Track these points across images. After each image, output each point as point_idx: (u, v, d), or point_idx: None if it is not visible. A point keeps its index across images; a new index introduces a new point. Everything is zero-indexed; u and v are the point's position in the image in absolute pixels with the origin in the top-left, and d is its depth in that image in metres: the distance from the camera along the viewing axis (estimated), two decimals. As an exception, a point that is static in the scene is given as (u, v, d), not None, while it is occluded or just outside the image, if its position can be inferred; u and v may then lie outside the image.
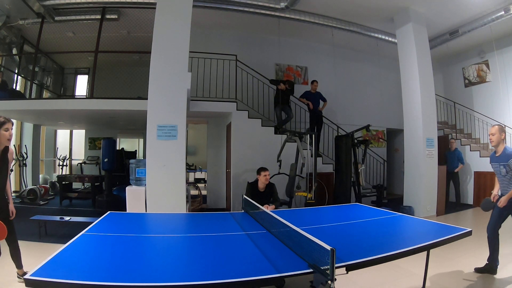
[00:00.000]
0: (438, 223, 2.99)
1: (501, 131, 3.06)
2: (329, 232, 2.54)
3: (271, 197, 3.92)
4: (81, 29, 6.59)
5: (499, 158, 3.04)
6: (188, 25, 4.57)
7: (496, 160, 3.09)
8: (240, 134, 6.07)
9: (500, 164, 3.01)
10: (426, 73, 6.28)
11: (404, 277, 3.01)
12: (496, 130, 3.05)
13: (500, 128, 3.07)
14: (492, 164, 3.17)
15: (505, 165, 2.96)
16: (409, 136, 6.35)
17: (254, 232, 2.49)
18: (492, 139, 3.08)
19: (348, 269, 1.66)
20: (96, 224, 2.52)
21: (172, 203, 4.29)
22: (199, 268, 1.74)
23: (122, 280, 1.50)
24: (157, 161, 4.31)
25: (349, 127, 7.00)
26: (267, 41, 7.76)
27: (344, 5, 6.34)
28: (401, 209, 5.76)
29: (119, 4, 6.13)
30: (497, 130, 3.05)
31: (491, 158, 3.21)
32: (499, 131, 3.05)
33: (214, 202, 6.99)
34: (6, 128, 2.57)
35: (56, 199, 7.20)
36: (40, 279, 1.44)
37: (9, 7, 5.99)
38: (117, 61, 7.30)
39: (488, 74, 8.09)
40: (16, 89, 6.88)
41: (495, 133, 3.06)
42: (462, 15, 6.57)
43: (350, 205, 4.08)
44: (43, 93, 8.04)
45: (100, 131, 9.75)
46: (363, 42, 7.81)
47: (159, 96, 4.40)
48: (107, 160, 6.27)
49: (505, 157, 2.98)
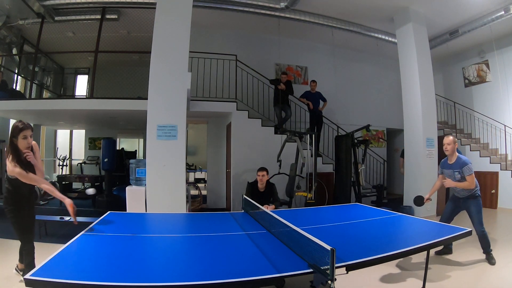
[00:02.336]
0: (438, 223, 3.00)
1: (454, 142, 3.48)
2: (329, 232, 2.54)
3: (271, 197, 3.92)
4: (81, 29, 6.59)
5: (453, 166, 3.45)
6: (188, 25, 4.57)
7: (449, 167, 3.50)
8: (240, 134, 6.07)
9: (454, 171, 3.43)
10: (426, 73, 6.28)
11: (404, 277, 3.01)
12: (451, 141, 3.45)
13: (453, 140, 3.48)
14: (445, 170, 3.58)
15: (459, 171, 3.38)
16: (409, 136, 6.34)
17: (254, 232, 2.49)
18: (448, 149, 3.46)
19: (348, 269, 1.65)
20: (96, 224, 2.52)
21: (172, 203, 4.29)
22: (199, 268, 1.75)
23: (122, 280, 1.50)
24: (157, 161, 4.31)
25: (349, 127, 7.00)
26: (267, 41, 7.76)
27: (344, 5, 6.34)
28: (401, 209, 5.75)
29: (119, 4, 6.13)
30: (451, 141, 3.45)
31: (443, 164, 3.63)
32: (453, 142, 3.46)
33: (214, 202, 6.99)
34: (24, 136, 2.36)
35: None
36: (40, 279, 1.44)
37: (9, 7, 5.99)
38: (117, 61, 7.29)
39: (488, 74, 8.09)
40: (16, 89, 6.87)
41: (450, 143, 3.45)
42: (462, 15, 6.57)
43: (350, 205, 4.08)
44: (43, 93, 8.04)
45: (100, 131, 9.75)
46: (363, 42, 7.81)
47: (159, 96, 4.40)
48: (107, 160, 6.26)
49: (458, 165, 3.40)
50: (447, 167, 3.53)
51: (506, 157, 7.14)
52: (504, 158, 7.12)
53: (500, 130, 7.50)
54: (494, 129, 7.70)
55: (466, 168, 3.32)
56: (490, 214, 6.18)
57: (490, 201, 6.73)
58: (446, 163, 3.56)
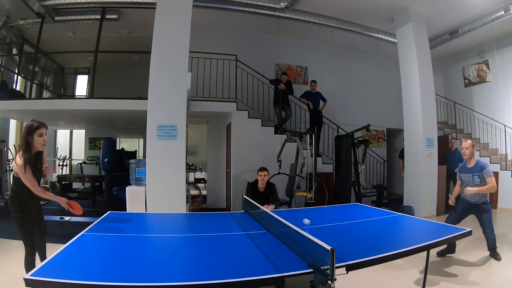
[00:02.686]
0: (438, 223, 2.99)
1: (473, 146, 3.47)
2: (329, 232, 2.54)
3: (271, 197, 3.92)
4: (81, 29, 6.58)
5: (472, 169, 3.42)
6: (188, 25, 4.57)
7: (468, 171, 3.47)
8: (240, 134, 6.07)
9: (474, 174, 3.39)
10: (426, 73, 6.28)
11: (404, 277, 3.01)
12: (469, 145, 3.44)
13: (472, 143, 3.46)
14: (463, 174, 3.54)
15: (479, 175, 3.34)
16: (409, 136, 6.34)
17: (254, 232, 2.49)
18: (466, 153, 3.47)
19: (348, 269, 1.65)
20: (96, 224, 2.52)
21: (172, 203, 4.29)
22: (199, 268, 1.74)
23: (122, 280, 1.50)
24: (157, 161, 4.31)
25: (349, 127, 6.99)
26: (267, 41, 7.76)
27: (344, 5, 6.34)
28: (401, 209, 5.76)
29: (119, 4, 6.13)
30: (470, 145, 3.44)
31: (461, 168, 3.59)
32: (472, 146, 3.45)
33: (214, 202, 6.99)
34: (40, 134, 2.46)
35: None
36: (40, 279, 1.44)
37: (9, 7, 5.99)
38: (117, 61, 7.29)
39: (488, 74, 8.09)
40: (16, 89, 6.87)
41: (468, 147, 3.44)
42: (462, 15, 6.57)
43: (350, 205, 4.08)
44: (43, 93, 8.03)
45: (100, 131, 9.74)
46: (363, 42, 7.81)
47: (159, 96, 4.40)
48: (107, 160, 6.27)
49: (478, 168, 3.37)
50: (466, 171, 3.49)
51: (506, 157, 7.14)
52: (504, 158, 7.13)
53: (500, 130, 7.50)
54: (494, 129, 7.70)
55: (486, 171, 3.30)
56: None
57: (490, 201, 6.68)
58: (465, 167, 3.53)
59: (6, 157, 6.65)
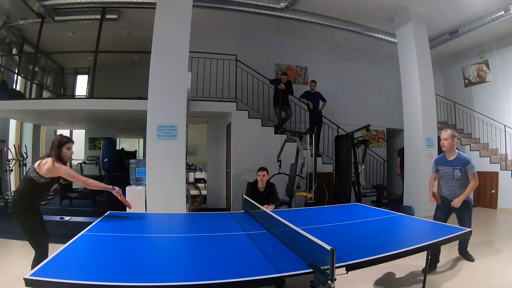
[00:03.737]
0: (438, 223, 2.99)
1: (453, 136, 3.15)
2: (329, 232, 2.54)
3: (271, 197, 3.92)
4: (81, 29, 6.58)
5: (453, 162, 3.15)
6: (188, 25, 4.57)
7: (448, 164, 3.18)
8: (240, 134, 6.07)
9: (455, 168, 3.12)
10: (426, 73, 6.28)
11: (404, 277, 3.01)
12: (449, 135, 3.13)
13: (452, 134, 3.15)
14: (442, 167, 3.25)
15: (460, 169, 3.09)
16: (409, 136, 6.35)
17: (254, 232, 2.49)
18: (444, 144, 3.16)
19: (348, 269, 1.65)
20: (96, 224, 2.52)
21: (172, 203, 4.29)
22: (199, 268, 1.74)
23: (122, 280, 1.49)
24: (157, 161, 4.31)
25: (349, 127, 7.00)
26: (267, 41, 7.76)
27: (344, 5, 6.34)
28: (401, 209, 5.76)
29: (119, 4, 6.13)
30: (449, 135, 3.13)
31: (440, 161, 3.29)
32: (451, 137, 3.13)
33: (214, 202, 6.99)
34: (68, 147, 2.64)
35: (56, 199, 7.19)
36: (40, 279, 1.44)
37: (9, 7, 5.99)
38: (117, 61, 7.29)
39: (488, 74, 8.09)
40: (16, 89, 6.87)
41: (447, 138, 3.13)
42: (462, 15, 6.57)
43: (350, 205, 4.08)
44: (43, 93, 8.03)
45: (100, 131, 9.75)
46: (363, 42, 7.81)
47: (159, 96, 4.40)
48: (107, 160, 6.27)
49: (461, 162, 3.10)
50: (446, 164, 3.21)
51: (506, 157, 7.14)
52: (504, 158, 7.12)
53: (500, 130, 7.50)
54: (494, 129, 7.70)
55: (470, 166, 3.06)
56: (490, 214, 6.18)
57: (490, 201, 6.73)
58: (444, 160, 3.24)
59: (6, 157, 6.65)
